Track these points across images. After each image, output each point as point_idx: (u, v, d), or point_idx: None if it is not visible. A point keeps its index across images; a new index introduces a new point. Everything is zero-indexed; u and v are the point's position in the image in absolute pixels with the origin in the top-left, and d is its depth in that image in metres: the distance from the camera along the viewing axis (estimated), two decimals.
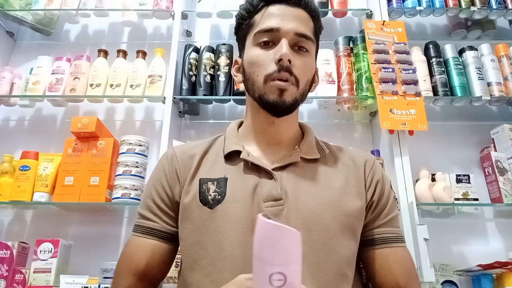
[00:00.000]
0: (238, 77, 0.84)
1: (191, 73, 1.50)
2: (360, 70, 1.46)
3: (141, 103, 1.54)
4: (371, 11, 1.57)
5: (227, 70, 1.49)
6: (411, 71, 1.40)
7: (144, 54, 1.55)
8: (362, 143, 1.56)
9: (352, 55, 1.51)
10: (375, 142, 1.52)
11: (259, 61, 0.75)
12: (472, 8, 1.54)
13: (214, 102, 1.59)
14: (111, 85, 1.48)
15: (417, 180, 1.33)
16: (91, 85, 1.48)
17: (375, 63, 1.41)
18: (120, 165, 1.31)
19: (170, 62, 1.47)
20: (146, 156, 1.36)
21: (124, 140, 1.34)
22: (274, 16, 0.76)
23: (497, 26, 1.67)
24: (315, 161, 0.80)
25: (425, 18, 1.67)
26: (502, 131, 1.41)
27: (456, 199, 1.31)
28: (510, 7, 1.55)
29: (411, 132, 1.34)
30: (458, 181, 1.34)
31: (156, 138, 1.43)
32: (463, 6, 1.54)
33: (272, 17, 0.76)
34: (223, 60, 1.51)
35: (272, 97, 0.74)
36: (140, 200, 0.83)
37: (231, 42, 1.55)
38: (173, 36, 1.52)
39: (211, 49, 1.55)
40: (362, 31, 1.52)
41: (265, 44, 0.76)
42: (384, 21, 1.50)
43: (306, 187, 0.74)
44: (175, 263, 1.16)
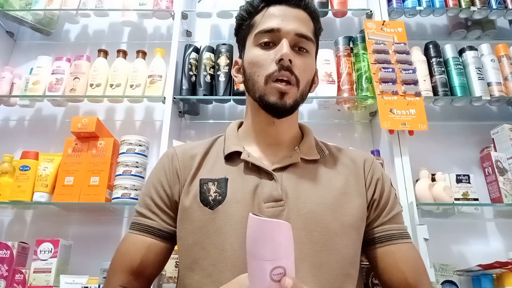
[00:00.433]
0: (239, 78, 0.84)
1: (191, 73, 1.50)
2: (360, 70, 1.46)
3: (141, 103, 1.54)
4: (371, 11, 1.57)
5: (227, 70, 1.49)
6: (411, 71, 1.40)
7: (144, 54, 1.55)
8: (362, 143, 1.55)
9: (352, 55, 1.51)
10: (375, 142, 1.52)
11: (260, 61, 0.75)
12: (472, 8, 1.54)
13: (214, 102, 1.59)
14: (111, 85, 1.48)
15: (417, 180, 1.33)
16: (91, 85, 1.48)
17: (375, 63, 1.41)
18: (120, 165, 1.31)
19: (170, 62, 1.47)
20: (146, 156, 1.36)
21: (124, 140, 1.35)
22: (275, 17, 0.76)
23: (497, 26, 1.67)
24: (315, 162, 0.80)
25: (425, 18, 1.67)
26: (502, 131, 1.41)
27: (456, 199, 1.31)
28: (510, 7, 1.55)
29: (411, 132, 1.34)
30: (458, 181, 1.34)
31: (156, 138, 1.43)
32: (463, 6, 1.54)
33: (273, 18, 0.76)
34: (223, 60, 1.51)
35: (273, 99, 0.74)
36: (139, 198, 0.83)
37: (231, 42, 1.55)
38: (173, 36, 1.52)
39: (211, 49, 1.55)
40: (362, 31, 1.52)
41: (266, 45, 0.76)
42: (384, 21, 1.50)
43: (307, 188, 0.74)
44: (175, 263, 1.16)
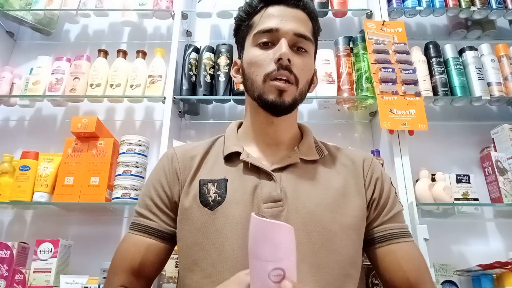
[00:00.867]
0: (238, 78, 0.84)
1: (191, 73, 1.50)
2: (360, 70, 1.46)
3: (141, 103, 1.54)
4: (371, 11, 1.57)
5: (227, 70, 1.49)
6: (411, 71, 1.40)
7: (144, 54, 1.55)
8: (362, 143, 1.55)
9: (352, 55, 1.51)
10: (375, 142, 1.52)
11: (259, 61, 0.75)
12: (472, 8, 1.53)
13: (214, 102, 1.59)
14: (111, 85, 1.48)
15: (417, 180, 1.33)
16: (91, 85, 1.48)
17: (375, 63, 1.41)
18: (120, 165, 1.31)
19: (170, 62, 1.47)
20: (146, 156, 1.36)
21: (124, 140, 1.35)
22: (273, 17, 0.76)
23: (497, 26, 1.67)
24: (314, 162, 0.80)
25: (425, 18, 1.67)
26: (502, 131, 1.41)
27: (456, 199, 1.31)
28: (510, 7, 1.55)
29: (411, 132, 1.34)
30: (458, 181, 1.34)
31: (156, 138, 1.43)
32: (463, 6, 1.54)
33: (271, 18, 0.76)
34: (223, 60, 1.51)
35: (272, 97, 0.74)
36: (138, 199, 0.83)
37: (231, 42, 1.55)
38: (173, 36, 1.52)
39: (211, 49, 1.55)
40: (362, 31, 1.52)
41: (265, 45, 0.76)
42: (384, 21, 1.50)
43: (306, 188, 0.74)
44: (175, 263, 1.16)
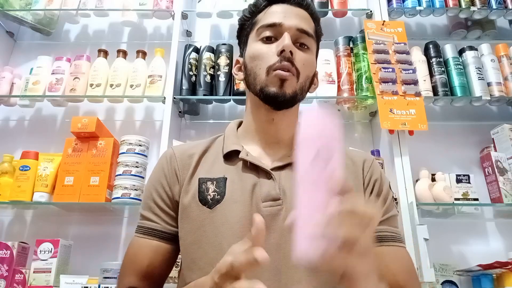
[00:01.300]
0: (239, 75, 0.84)
1: (191, 73, 1.50)
2: (360, 70, 1.46)
3: (141, 103, 1.54)
4: (371, 11, 1.57)
5: (227, 70, 1.49)
6: (411, 71, 1.40)
7: (144, 54, 1.55)
8: (362, 143, 1.55)
9: (352, 55, 1.51)
10: (375, 142, 1.52)
11: (262, 54, 0.76)
12: (472, 8, 1.54)
13: (214, 102, 1.59)
14: (111, 85, 1.48)
15: (417, 180, 1.33)
16: (91, 85, 1.48)
17: (375, 63, 1.41)
18: (120, 165, 1.31)
19: (170, 62, 1.47)
20: (146, 156, 1.36)
21: (124, 140, 1.35)
22: (277, 13, 0.78)
23: (497, 26, 1.67)
24: None
25: (425, 18, 1.67)
26: (502, 131, 1.41)
27: (456, 199, 1.31)
28: (510, 7, 1.55)
29: (411, 132, 1.34)
30: (458, 181, 1.34)
31: (156, 138, 1.43)
32: (463, 6, 1.54)
33: (275, 14, 0.78)
34: (223, 60, 1.51)
35: (273, 89, 0.74)
36: (141, 201, 0.84)
37: (231, 42, 1.55)
38: (173, 36, 1.52)
39: (211, 49, 1.55)
40: (362, 31, 1.52)
41: (268, 39, 0.77)
42: (384, 21, 1.50)
43: None
44: (176, 263, 1.16)
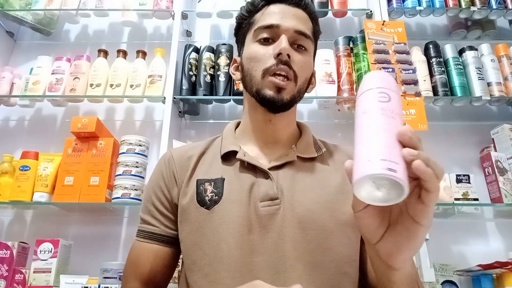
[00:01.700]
0: (236, 75, 0.84)
1: (191, 73, 1.50)
2: (360, 70, 1.46)
3: (141, 103, 1.54)
4: (371, 11, 1.57)
5: (227, 70, 1.49)
6: (411, 71, 1.40)
7: (144, 54, 1.55)
8: None
9: (352, 55, 1.51)
10: None
11: (258, 56, 0.75)
12: (472, 8, 1.54)
13: (214, 102, 1.59)
14: (111, 85, 1.48)
15: None
16: (91, 85, 1.48)
17: (375, 63, 1.41)
18: (120, 165, 1.31)
19: (170, 62, 1.47)
20: (146, 156, 1.36)
21: (124, 140, 1.35)
22: (275, 14, 0.77)
23: (497, 26, 1.67)
24: (312, 160, 0.79)
25: (425, 18, 1.67)
26: (502, 131, 1.41)
27: (456, 199, 1.31)
28: (510, 7, 1.55)
29: None
30: (458, 181, 1.34)
31: (156, 138, 1.43)
32: (463, 6, 1.54)
33: (273, 15, 0.77)
34: (223, 60, 1.51)
35: (269, 93, 0.74)
36: (141, 204, 0.84)
37: (231, 42, 1.55)
38: (173, 36, 1.52)
39: (211, 49, 1.55)
40: (362, 31, 1.52)
41: (265, 41, 0.76)
42: (384, 21, 1.50)
43: (302, 186, 0.74)
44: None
